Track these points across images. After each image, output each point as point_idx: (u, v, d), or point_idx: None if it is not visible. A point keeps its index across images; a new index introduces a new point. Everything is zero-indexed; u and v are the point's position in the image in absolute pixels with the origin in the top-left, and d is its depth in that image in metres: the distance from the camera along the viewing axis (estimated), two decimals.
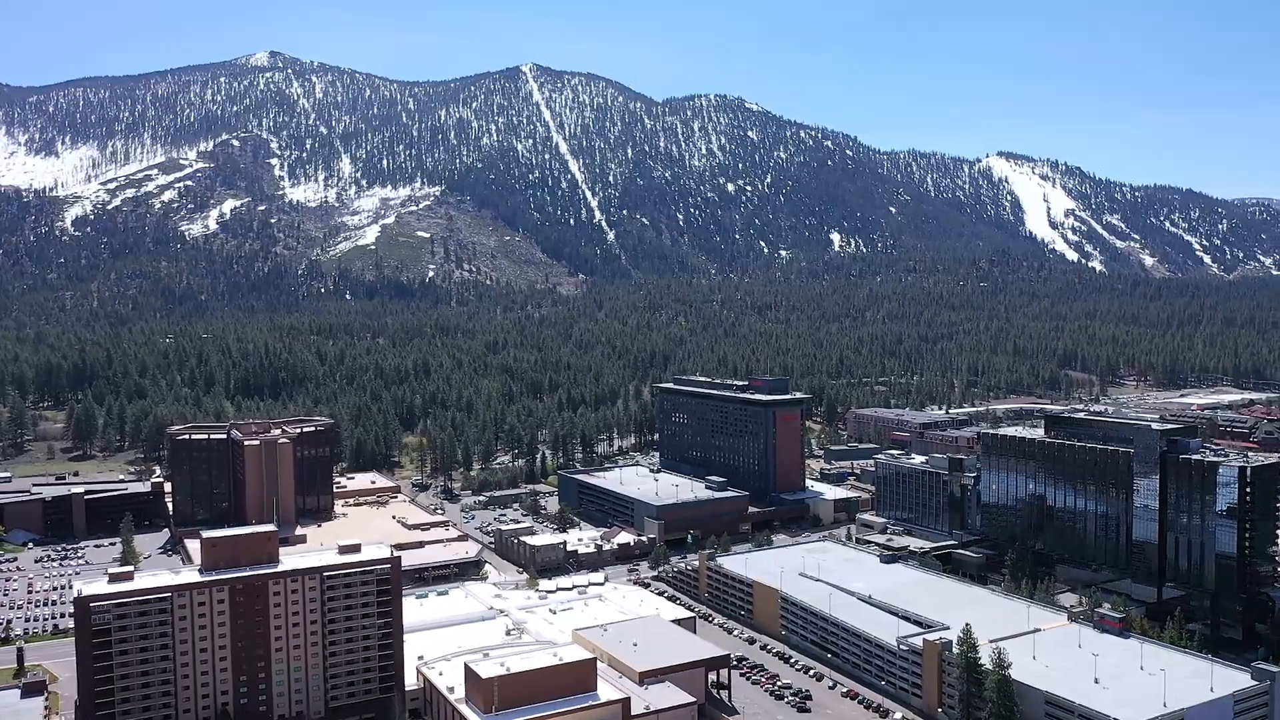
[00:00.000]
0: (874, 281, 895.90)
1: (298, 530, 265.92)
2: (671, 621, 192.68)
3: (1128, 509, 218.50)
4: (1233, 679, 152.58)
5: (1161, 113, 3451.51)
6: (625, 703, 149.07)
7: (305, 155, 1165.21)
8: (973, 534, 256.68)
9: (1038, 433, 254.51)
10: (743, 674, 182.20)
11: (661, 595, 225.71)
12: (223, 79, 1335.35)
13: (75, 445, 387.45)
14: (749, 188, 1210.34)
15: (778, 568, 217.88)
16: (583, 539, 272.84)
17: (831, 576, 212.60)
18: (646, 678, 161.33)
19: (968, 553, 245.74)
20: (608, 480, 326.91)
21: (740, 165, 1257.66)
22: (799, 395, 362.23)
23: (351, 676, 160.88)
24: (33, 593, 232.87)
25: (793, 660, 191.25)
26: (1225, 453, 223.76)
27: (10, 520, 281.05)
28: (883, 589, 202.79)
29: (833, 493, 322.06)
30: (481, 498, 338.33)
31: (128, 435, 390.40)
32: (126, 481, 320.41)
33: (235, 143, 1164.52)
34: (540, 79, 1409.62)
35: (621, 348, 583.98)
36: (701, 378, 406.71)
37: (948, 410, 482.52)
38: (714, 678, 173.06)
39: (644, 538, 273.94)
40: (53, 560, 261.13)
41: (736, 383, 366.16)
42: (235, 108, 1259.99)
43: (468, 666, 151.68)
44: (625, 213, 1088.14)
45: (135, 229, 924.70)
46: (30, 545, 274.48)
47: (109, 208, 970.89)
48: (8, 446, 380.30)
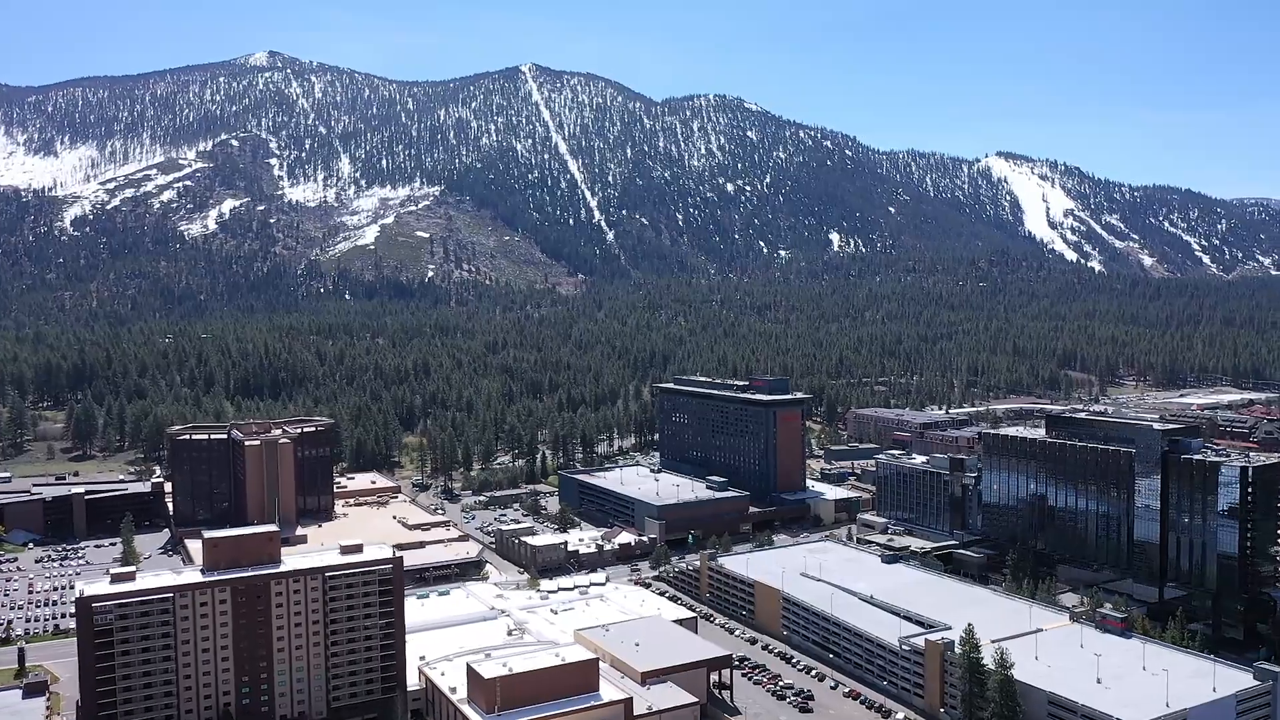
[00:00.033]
0: (873, 281, 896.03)
1: (298, 530, 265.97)
2: (673, 622, 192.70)
3: (1129, 509, 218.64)
4: (1235, 679, 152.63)
5: (1161, 113, 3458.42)
6: (628, 703, 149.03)
7: (304, 155, 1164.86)
8: (974, 534, 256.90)
9: (1038, 433, 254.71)
10: (744, 674, 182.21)
11: (663, 595, 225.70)
12: (222, 79, 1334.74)
13: (75, 445, 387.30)
14: (748, 188, 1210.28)
15: (779, 568, 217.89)
16: (583, 539, 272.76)
17: (833, 576, 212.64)
18: (649, 678, 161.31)
19: (969, 553, 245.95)
20: (608, 480, 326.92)
21: (739, 165, 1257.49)
22: (799, 395, 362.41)
23: (353, 677, 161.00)
24: (33, 593, 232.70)
25: (794, 660, 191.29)
26: (1227, 453, 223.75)
27: (10, 520, 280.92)
28: (884, 589, 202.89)
29: (833, 493, 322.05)
30: (482, 498, 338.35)
31: (127, 435, 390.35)
32: (127, 482, 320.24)
33: (234, 143, 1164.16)
34: (539, 79, 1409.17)
35: (621, 348, 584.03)
36: (702, 378, 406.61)
37: (947, 410, 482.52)
38: (716, 678, 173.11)
39: (645, 538, 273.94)
40: (53, 560, 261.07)
41: (737, 383, 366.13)
42: (234, 108, 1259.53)
43: (470, 667, 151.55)
44: (624, 213, 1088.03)
45: (134, 229, 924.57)
46: (30, 545, 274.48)
47: (108, 208, 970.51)
48: (7, 446, 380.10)
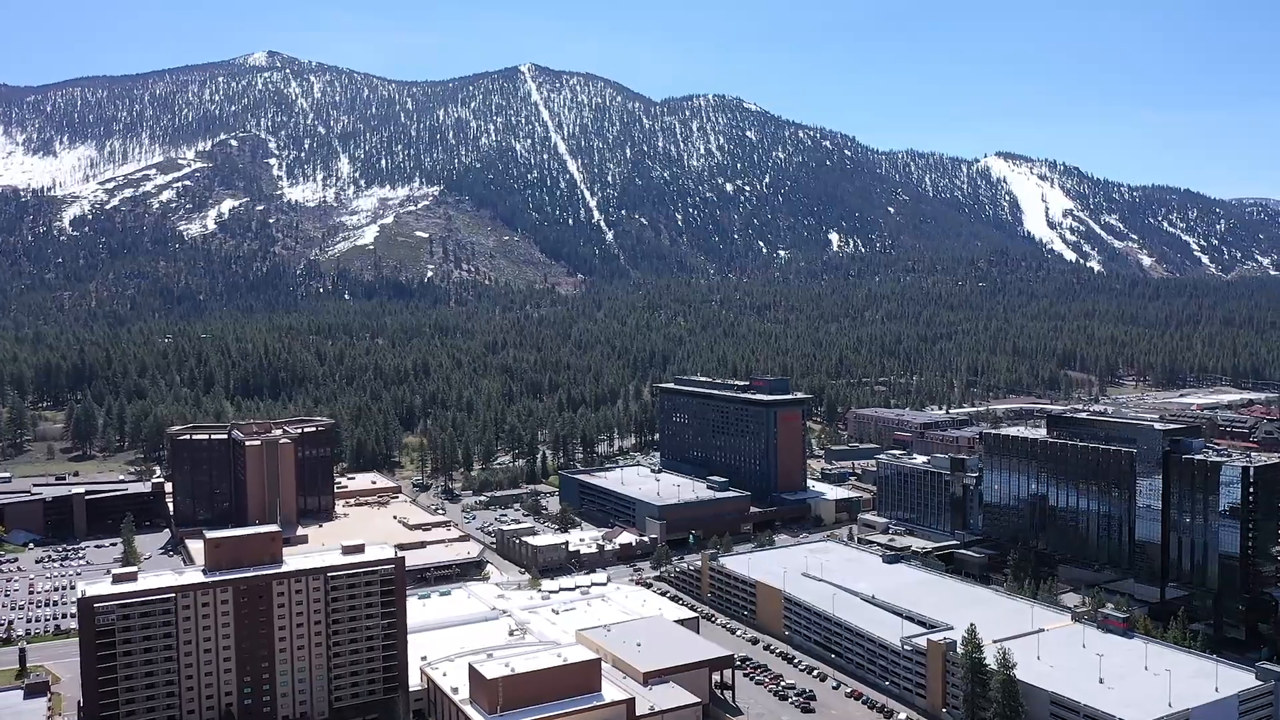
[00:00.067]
0: (872, 281, 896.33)
1: (299, 530, 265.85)
2: (675, 622, 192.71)
3: (1130, 509, 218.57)
4: (1237, 679, 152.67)
5: (1160, 113, 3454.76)
6: (630, 703, 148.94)
7: (304, 155, 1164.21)
8: (975, 534, 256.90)
9: (1039, 433, 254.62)
10: (746, 674, 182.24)
11: (664, 595, 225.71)
12: (221, 79, 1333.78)
13: (75, 445, 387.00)
14: (747, 188, 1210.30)
15: (780, 568, 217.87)
16: (584, 539, 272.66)
17: (834, 577, 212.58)
18: (651, 678, 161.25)
19: (970, 553, 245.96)
20: (609, 480, 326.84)
21: (739, 165, 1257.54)
22: (800, 395, 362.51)
23: (355, 677, 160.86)
24: (34, 593, 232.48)
25: (796, 660, 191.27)
26: (1228, 452, 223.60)
27: (11, 521, 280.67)
28: (886, 589, 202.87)
29: (834, 493, 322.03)
30: (482, 498, 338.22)
31: (127, 435, 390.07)
32: (127, 482, 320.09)
33: (233, 143, 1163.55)
34: (539, 79, 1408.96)
35: (621, 348, 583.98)
36: (702, 378, 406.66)
37: (948, 410, 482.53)
38: (718, 678, 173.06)
39: (646, 538, 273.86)
40: (53, 561, 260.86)
41: (737, 383, 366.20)
42: (233, 107, 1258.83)
43: (472, 667, 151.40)
44: (624, 213, 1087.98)
45: (133, 229, 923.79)
46: (31, 546, 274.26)
47: (107, 207, 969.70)
48: (7, 446, 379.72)
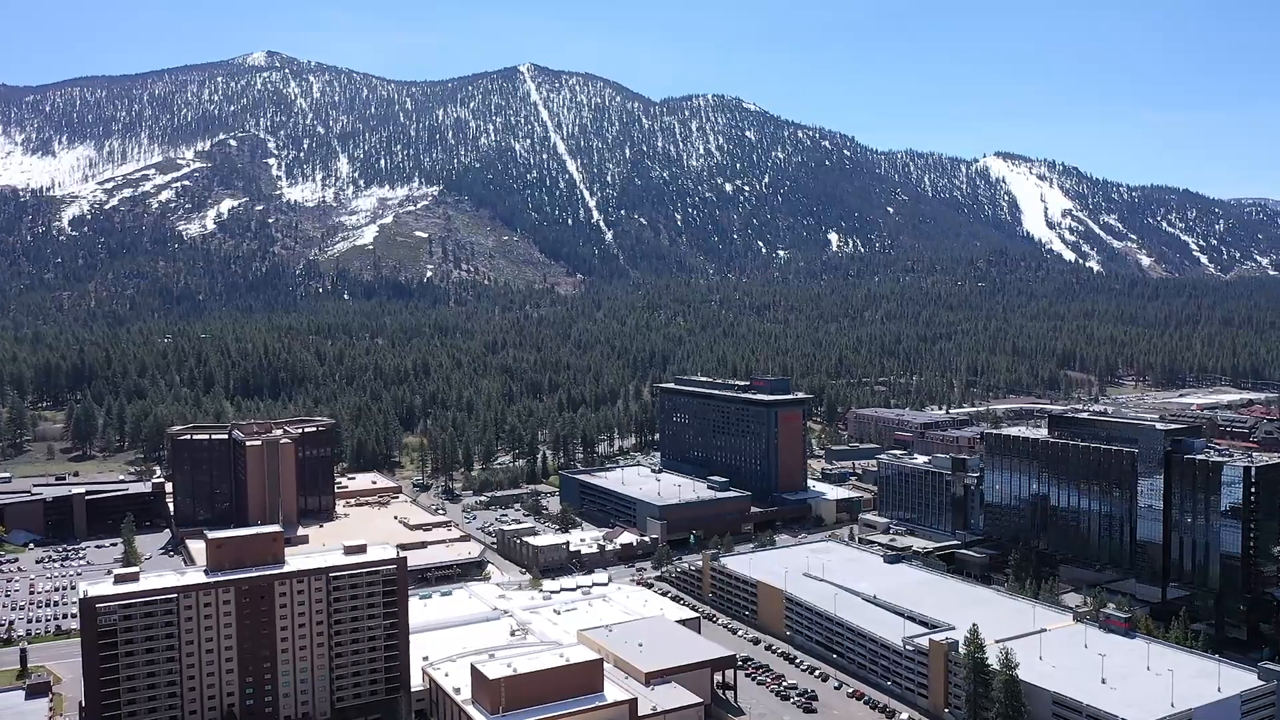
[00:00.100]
0: (872, 281, 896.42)
1: (299, 530, 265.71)
2: (676, 622, 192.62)
3: (1132, 509, 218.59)
4: (1240, 679, 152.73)
5: (1159, 113, 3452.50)
6: (632, 703, 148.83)
7: (303, 155, 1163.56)
8: (976, 534, 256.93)
9: (1040, 432, 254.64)
10: (748, 674, 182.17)
11: (665, 596, 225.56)
12: (220, 79, 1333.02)
13: (75, 445, 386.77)
14: (747, 188, 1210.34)
15: (782, 568, 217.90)
16: (585, 539, 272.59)
17: (835, 577, 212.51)
18: (653, 678, 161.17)
19: (971, 553, 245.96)
20: (609, 480, 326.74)
21: (738, 165, 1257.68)
22: (800, 395, 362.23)
23: (357, 677, 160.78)
24: (35, 593, 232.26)
25: (798, 661, 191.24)
26: (1229, 452, 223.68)
27: (11, 521, 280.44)
28: (887, 589, 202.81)
29: (835, 493, 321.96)
30: (483, 498, 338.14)
31: (127, 435, 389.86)
32: (127, 482, 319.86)
33: (232, 142, 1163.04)
34: (538, 79, 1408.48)
35: (620, 348, 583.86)
36: (702, 378, 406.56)
37: (948, 410, 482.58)
38: (720, 678, 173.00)
39: (646, 538, 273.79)
40: (54, 561, 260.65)
41: (738, 383, 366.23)
42: (232, 107, 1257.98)
43: (474, 667, 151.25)
44: (623, 213, 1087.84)
45: (132, 229, 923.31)
46: (31, 546, 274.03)
47: (106, 207, 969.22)
48: (7, 447, 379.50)
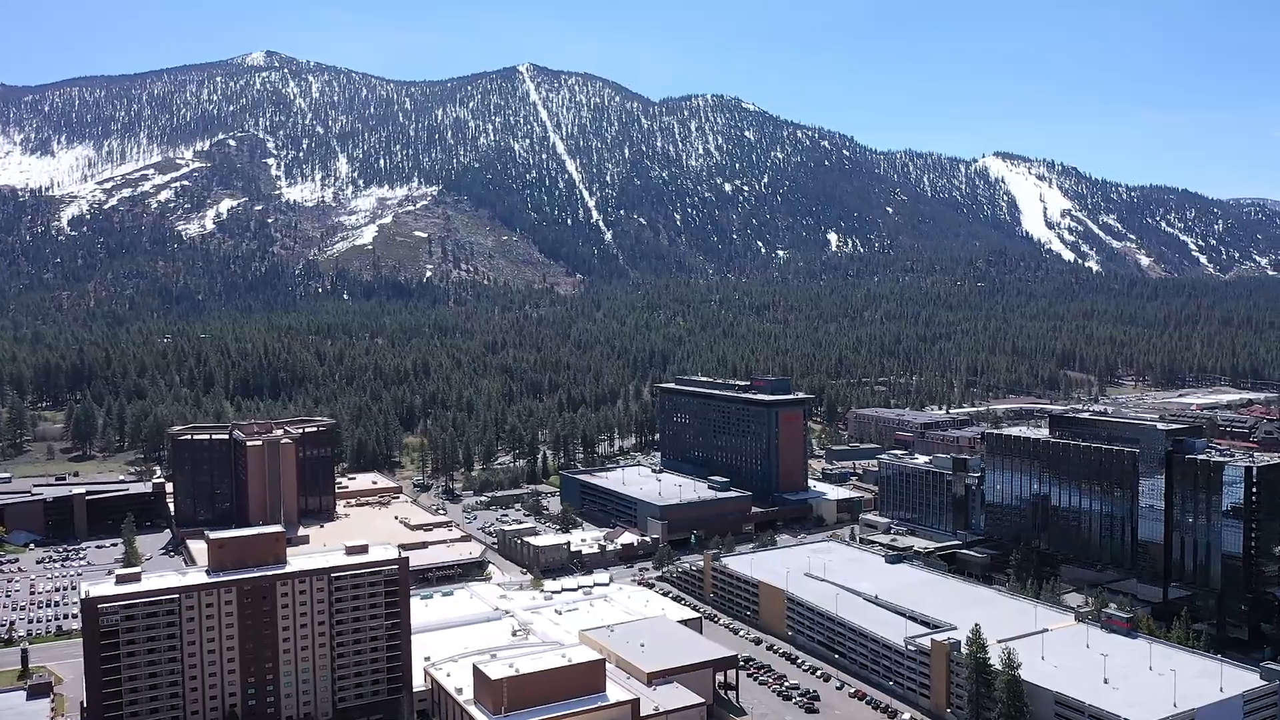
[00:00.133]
0: (871, 281, 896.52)
1: (300, 531, 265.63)
2: (678, 622, 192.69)
3: (1133, 509, 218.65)
4: (1242, 679, 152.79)
5: (1158, 113, 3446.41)
6: (635, 703, 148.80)
7: (302, 155, 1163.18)
8: (977, 534, 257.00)
9: (1041, 432, 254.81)
10: (750, 674, 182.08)
11: (666, 596, 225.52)
12: (219, 78, 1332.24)
13: (75, 446, 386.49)
14: (746, 188, 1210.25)
15: (783, 568, 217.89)
16: (586, 539, 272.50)
17: (837, 577, 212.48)
18: (655, 678, 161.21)
19: (972, 553, 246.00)
20: (610, 480, 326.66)
21: (737, 165, 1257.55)
22: (801, 395, 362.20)
23: (359, 678, 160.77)
24: (35, 594, 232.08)
25: (800, 661, 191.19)
26: (1230, 452, 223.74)
27: (11, 521, 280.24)
28: (888, 589, 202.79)
29: (835, 493, 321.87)
30: (483, 498, 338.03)
31: (127, 435, 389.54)
32: (127, 482, 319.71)
33: (232, 142, 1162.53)
34: (537, 79, 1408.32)
35: (620, 348, 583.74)
36: (703, 378, 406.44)
37: (948, 410, 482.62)
38: (721, 678, 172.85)
39: (647, 538, 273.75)
40: (54, 561, 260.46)
41: (738, 383, 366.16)
42: (232, 107, 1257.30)
43: (476, 667, 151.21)
44: (622, 213, 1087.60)
45: (132, 229, 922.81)
46: (31, 546, 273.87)
47: (105, 207, 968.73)
48: (7, 447, 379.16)
